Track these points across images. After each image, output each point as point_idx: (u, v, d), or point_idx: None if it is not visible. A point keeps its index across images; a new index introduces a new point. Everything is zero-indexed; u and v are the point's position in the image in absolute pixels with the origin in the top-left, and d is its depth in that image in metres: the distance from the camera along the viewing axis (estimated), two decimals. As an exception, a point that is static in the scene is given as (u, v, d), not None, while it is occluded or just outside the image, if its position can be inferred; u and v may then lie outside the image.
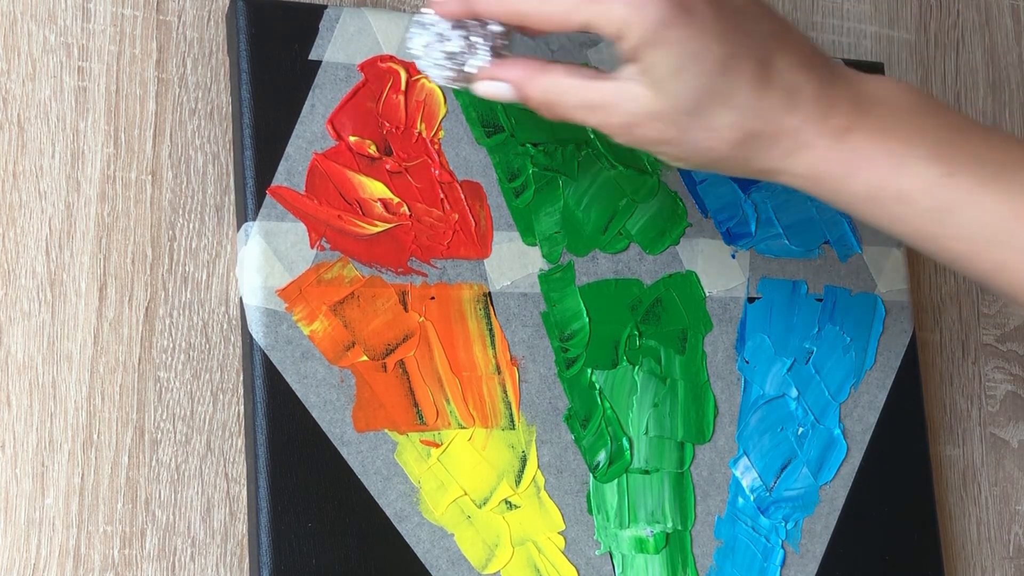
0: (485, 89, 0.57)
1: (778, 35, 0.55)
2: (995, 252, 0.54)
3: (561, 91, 0.55)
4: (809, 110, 0.54)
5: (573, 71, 0.56)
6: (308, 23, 0.66)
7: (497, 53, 0.57)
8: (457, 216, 0.67)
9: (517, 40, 0.59)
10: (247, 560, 0.64)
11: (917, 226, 0.55)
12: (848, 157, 0.54)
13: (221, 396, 0.65)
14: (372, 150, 0.66)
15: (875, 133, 0.54)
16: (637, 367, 0.70)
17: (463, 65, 0.57)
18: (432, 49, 0.57)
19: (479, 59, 0.57)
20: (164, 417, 0.64)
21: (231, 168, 0.67)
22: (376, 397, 0.64)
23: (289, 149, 0.65)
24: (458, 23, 0.57)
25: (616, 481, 0.68)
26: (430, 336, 0.66)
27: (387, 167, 0.66)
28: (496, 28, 0.57)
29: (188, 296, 0.65)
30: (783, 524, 0.71)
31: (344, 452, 0.63)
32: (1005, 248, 0.54)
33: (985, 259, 0.55)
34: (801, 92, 0.54)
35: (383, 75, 0.67)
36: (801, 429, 0.73)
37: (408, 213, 0.66)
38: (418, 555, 0.64)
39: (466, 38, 0.57)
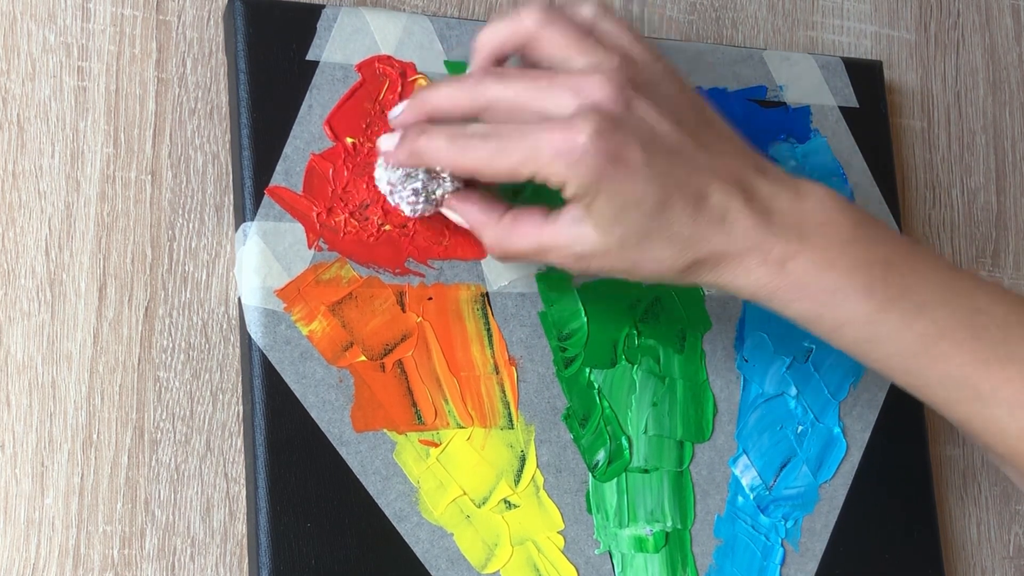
0: (450, 215, 0.63)
1: (712, 167, 0.58)
2: (910, 379, 0.61)
3: (514, 239, 0.60)
4: (748, 240, 0.58)
5: (525, 217, 0.60)
6: (306, 23, 0.66)
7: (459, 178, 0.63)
8: (455, 216, 0.67)
9: None
10: (247, 560, 0.64)
11: (846, 347, 0.61)
12: (789, 286, 0.59)
13: (221, 396, 0.65)
14: (368, 151, 0.66)
15: (814, 265, 0.58)
16: (636, 366, 0.70)
17: (431, 195, 0.63)
18: (399, 187, 0.63)
19: (444, 186, 0.62)
20: (164, 417, 0.64)
21: (230, 168, 0.67)
22: (375, 397, 0.64)
23: (287, 149, 0.65)
24: None
25: (615, 480, 0.68)
26: (428, 336, 0.66)
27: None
28: None
29: (188, 296, 0.65)
30: (783, 522, 0.72)
31: (343, 452, 0.63)
32: (917, 377, 0.60)
33: (901, 381, 0.62)
34: (737, 222, 0.58)
35: (381, 75, 0.67)
36: (800, 427, 0.73)
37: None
38: (417, 555, 0.64)
39: (428, 172, 0.62)
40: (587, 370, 0.69)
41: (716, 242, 0.58)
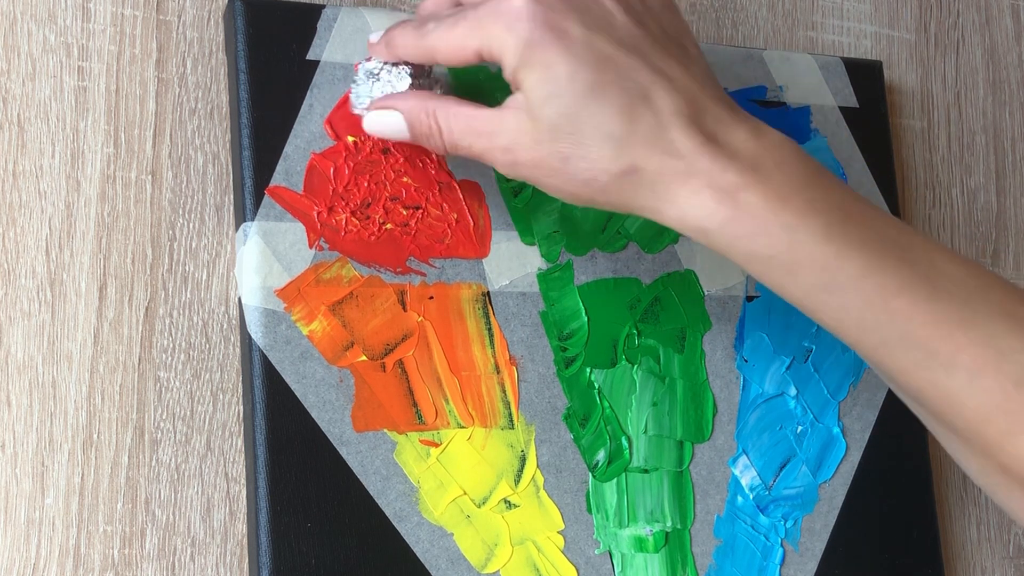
0: (373, 121, 0.62)
1: (663, 72, 0.55)
2: (864, 336, 0.56)
3: (448, 116, 0.58)
4: (690, 162, 0.54)
5: (463, 100, 0.58)
6: (306, 23, 0.66)
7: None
8: (456, 216, 0.67)
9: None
10: (247, 560, 0.64)
11: (799, 297, 0.56)
12: (741, 218, 0.54)
13: (221, 396, 0.65)
14: (370, 150, 0.66)
15: (770, 201, 0.54)
16: (636, 366, 0.70)
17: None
18: (363, 95, 0.64)
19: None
20: (164, 417, 0.64)
21: (231, 168, 0.67)
22: (375, 397, 0.64)
23: (287, 149, 0.65)
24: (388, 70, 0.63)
25: (615, 480, 0.68)
26: (429, 336, 0.66)
27: (385, 167, 0.66)
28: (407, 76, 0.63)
29: (188, 296, 0.65)
30: (782, 522, 0.72)
31: (343, 452, 0.63)
32: (872, 334, 0.55)
33: (854, 338, 0.56)
34: (679, 140, 0.54)
35: (382, 75, 0.67)
36: (800, 427, 0.73)
37: (406, 213, 0.66)
38: (417, 555, 0.64)
39: (391, 84, 0.63)
40: (587, 370, 0.69)
41: (653, 151, 0.54)
